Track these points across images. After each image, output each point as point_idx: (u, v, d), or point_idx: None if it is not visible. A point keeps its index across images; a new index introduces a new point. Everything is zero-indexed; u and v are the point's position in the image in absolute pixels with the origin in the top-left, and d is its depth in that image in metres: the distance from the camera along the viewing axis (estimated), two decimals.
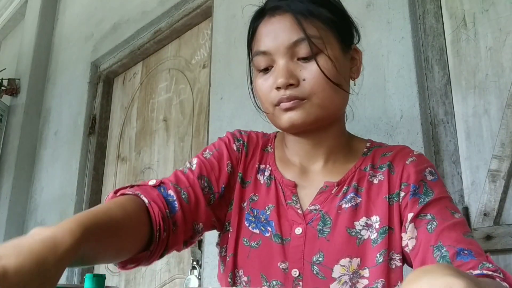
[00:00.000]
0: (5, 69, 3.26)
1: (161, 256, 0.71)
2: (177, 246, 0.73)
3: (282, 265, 0.74)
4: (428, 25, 1.25)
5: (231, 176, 0.82)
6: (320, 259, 0.73)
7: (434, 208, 0.71)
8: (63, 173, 2.70)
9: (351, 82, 0.82)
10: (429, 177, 0.75)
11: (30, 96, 3.08)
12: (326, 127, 0.79)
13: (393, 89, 1.24)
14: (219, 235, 0.84)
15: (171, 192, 0.73)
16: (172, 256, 1.93)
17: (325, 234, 0.74)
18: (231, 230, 0.80)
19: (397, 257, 0.73)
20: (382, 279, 0.70)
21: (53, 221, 2.64)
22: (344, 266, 0.72)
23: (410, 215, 0.72)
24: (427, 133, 1.17)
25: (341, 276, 0.72)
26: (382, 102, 1.25)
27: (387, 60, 1.27)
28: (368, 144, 0.83)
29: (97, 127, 2.62)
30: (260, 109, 0.81)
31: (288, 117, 0.74)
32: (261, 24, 0.78)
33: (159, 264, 2.00)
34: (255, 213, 0.79)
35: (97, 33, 2.75)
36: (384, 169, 0.77)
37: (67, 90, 2.90)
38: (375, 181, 0.77)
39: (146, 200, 0.68)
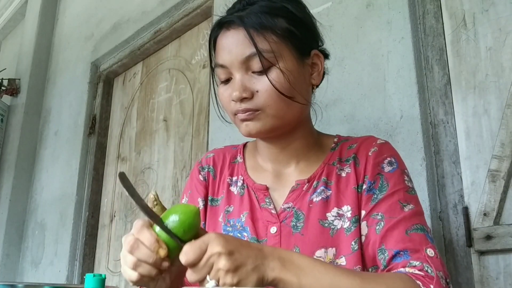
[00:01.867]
0: (5, 69, 3.26)
1: None
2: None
3: None
4: (428, 25, 1.25)
5: (206, 209, 0.88)
6: None
7: (385, 204, 0.75)
8: (63, 173, 2.69)
9: (314, 88, 0.84)
10: (387, 168, 0.78)
11: (30, 96, 3.08)
12: (291, 131, 0.82)
13: (393, 89, 1.24)
14: None
15: None
16: None
17: (299, 229, 0.77)
18: None
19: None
20: (359, 266, 0.73)
21: (53, 221, 2.64)
22: (320, 257, 0.74)
23: (363, 213, 0.76)
24: (427, 133, 1.17)
25: None
26: (382, 102, 1.25)
27: (387, 60, 1.27)
28: (335, 139, 0.86)
29: (97, 127, 2.62)
30: (223, 116, 0.85)
31: (245, 126, 0.78)
32: (219, 36, 0.80)
33: None
34: (231, 223, 0.83)
35: (97, 33, 2.75)
36: (350, 161, 0.81)
37: (67, 90, 2.90)
38: (343, 174, 0.80)
39: None
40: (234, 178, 0.88)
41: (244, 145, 0.94)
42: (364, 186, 0.77)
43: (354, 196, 0.77)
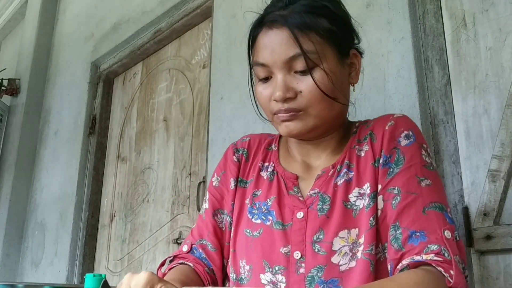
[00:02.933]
0: (5, 69, 3.26)
1: None
2: (224, 280, 0.86)
3: (284, 250, 0.77)
4: (428, 25, 1.25)
5: (236, 190, 0.89)
6: (321, 236, 0.75)
7: (402, 178, 0.74)
8: (63, 173, 2.70)
9: (352, 88, 0.85)
10: (404, 142, 0.77)
11: (30, 96, 3.08)
12: (327, 132, 0.82)
13: (393, 89, 1.24)
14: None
15: (201, 251, 0.86)
16: None
17: (325, 212, 0.77)
18: (233, 224, 0.86)
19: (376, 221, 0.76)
20: (373, 242, 0.73)
21: (53, 221, 2.64)
22: (343, 237, 0.74)
23: (379, 187, 0.76)
24: (427, 133, 1.17)
25: (341, 247, 0.74)
26: (382, 102, 1.25)
27: (387, 60, 1.27)
28: (357, 124, 0.87)
29: (97, 127, 2.62)
30: (260, 113, 0.85)
31: (285, 127, 0.78)
32: (260, 34, 0.80)
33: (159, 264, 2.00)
34: (258, 206, 0.84)
35: (97, 33, 2.75)
36: (367, 139, 0.81)
37: (67, 90, 2.90)
38: (362, 154, 0.80)
39: (191, 264, 0.83)
40: (266, 164, 0.89)
41: (280, 135, 0.93)
42: (381, 160, 0.77)
43: (372, 172, 0.77)
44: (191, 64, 2.17)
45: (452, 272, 0.64)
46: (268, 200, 0.83)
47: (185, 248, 0.88)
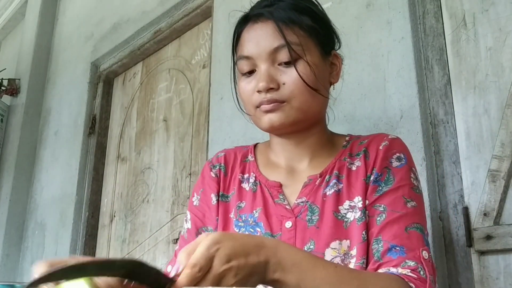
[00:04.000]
0: (5, 69, 3.26)
1: None
2: None
3: None
4: (428, 25, 1.25)
5: (218, 205, 0.88)
6: (312, 247, 0.76)
7: (389, 198, 0.75)
8: (63, 173, 2.70)
9: (331, 87, 0.87)
10: (395, 163, 0.79)
11: (30, 96, 3.08)
12: (308, 128, 0.83)
13: (393, 89, 1.24)
14: None
15: None
16: (172, 256, 1.92)
17: (314, 223, 0.77)
18: None
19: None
20: (365, 256, 0.74)
21: (53, 221, 2.64)
22: (335, 248, 0.75)
23: (366, 202, 0.77)
24: (427, 133, 1.17)
25: (333, 258, 0.74)
26: (382, 102, 1.25)
27: (387, 60, 1.27)
28: (347, 138, 0.88)
29: (97, 127, 2.62)
30: (243, 110, 0.86)
31: (268, 119, 0.78)
32: (244, 29, 0.83)
33: (159, 265, 2.00)
34: (243, 218, 0.83)
35: (97, 33, 2.75)
36: (360, 155, 0.82)
37: (67, 90, 2.90)
38: (353, 168, 0.81)
39: None
40: (246, 175, 0.88)
41: (255, 146, 0.95)
42: (372, 177, 0.78)
43: (364, 187, 0.78)
44: (191, 64, 2.17)
45: None
46: (254, 211, 0.82)
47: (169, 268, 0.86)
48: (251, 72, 0.80)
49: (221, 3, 1.90)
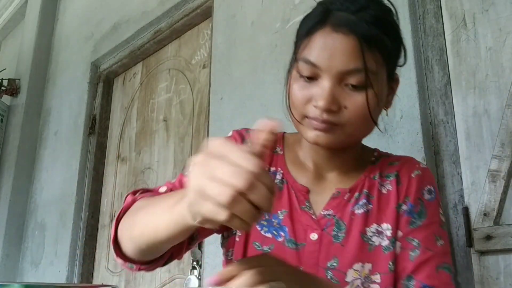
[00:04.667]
0: (5, 69, 3.26)
1: (164, 264, 0.72)
2: (180, 255, 0.74)
3: None
4: (428, 25, 1.25)
5: None
6: (335, 264, 0.73)
7: (422, 234, 0.75)
8: (63, 173, 2.70)
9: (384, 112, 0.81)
10: (427, 196, 0.78)
11: (30, 96, 3.08)
12: (350, 146, 0.80)
13: None
14: (223, 236, 0.84)
15: None
16: None
17: (339, 240, 0.75)
18: (239, 234, 0.79)
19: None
20: (390, 287, 0.73)
21: (53, 221, 2.64)
22: (357, 270, 0.73)
23: (399, 233, 0.75)
24: (427, 133, 1.17)
25: (353, 280, 0.73)
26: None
27: None
28: (375, 153, 0.85)
29: (97, 127, 2.62)
30: (289, 109, 0.78)
31: (315, 135, 0.72)
32: (320, 32, 0.71)
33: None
34: (267, 217, 0.78)
35: (97, 33, 2.75)
36: (391, 178, 0.79)
37: (67, 90, 2.90)
38: (384, 191, 0.79)
39: None
40: (273, 169, 0.82)
41: (283, 136, 0.87)
42: (404, 207, 0.77)
43: (395, 216, 0.76)
44: (191, 64, 2.17)
45: None
46: (279, 213, 0.78)
47: (163, 189, 0.77)
48: (310, 78, 0.71)
49: (221, 3, 1.90)
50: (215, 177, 0.44)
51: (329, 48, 0.69)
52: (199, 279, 1.67)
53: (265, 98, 1.59)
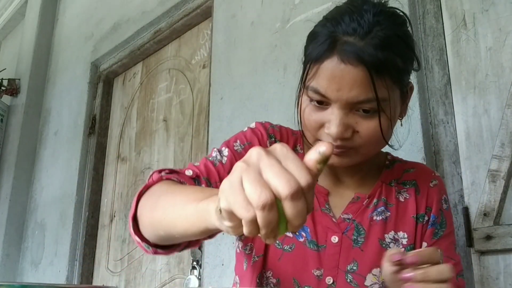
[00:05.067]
0: (5, 69, 3.26)
1: (181, 250, 0.70)
2: (198, 244, 0.71)
3: (317, 272, 0.75)
4: (428, 25, 1.25)
5: None
6: (354, 268, 0.74)
7: (445, 243, 0.78)
8: (63, 173, 2.70)
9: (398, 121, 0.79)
10: (445, 206, 0.81)
11: (30, 96, 3.08)
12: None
13: None
14: None
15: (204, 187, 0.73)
16: (172, 256, 1.92)
17: (359, 244, 0.76)
18: None
19: None
20: None
21: (53, 221, 2.64)
22: (375, 275, 0.74)
23: (424, 245, 0.77)
24: (427, 133, 1.17)
25: (372, 284, 0.74)
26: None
27: None
28: (389, 157, 0.86)
29: (97, 127, 2.62)
30: (302, 131, 0.77)
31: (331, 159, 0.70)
32: (328, 60, 0.68)
33: (159, 264, 2.00)
34: (290, 234, 0.77)
35: (97, 33, 2.75)
36: (408, 186, 0.81)
37: (67, 90, 2.90)
38: (401, 199, 0.80)
39: None
40: None
41: (302, 134, 0.83)
42: (426, 218, 0.79)
43: (412, 225, 0.78)
44: (191, 64, 2.17)
45: None
46: None
47: (189, 172, 0.75)
48: (321, 102, 0.70)
49: (221, 3, 1.90)
50: (260, 175, 0.41)
51: (337, 81, 0.67)
52: (199, 279, 1.67)
53: (265, 98, 1.59)
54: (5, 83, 3.15)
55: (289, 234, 0.76)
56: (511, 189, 1.05)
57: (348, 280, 0.74)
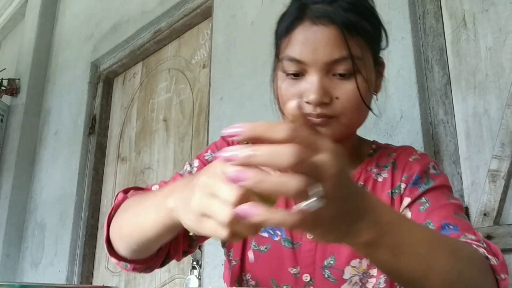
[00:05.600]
0: (5, 69, 3.26)
1: (162, 265, 0.71)
2: (177, 256, 0.73)
3: (293, 270, 0.73)
4: (428, 25, 1.25)
5: None
6: (332, 262, 0.72)
7: (431, 194, 0.70)
8: (63, 173, 2.70)
9: (375, 97, 0.80)
10: (432, 171, 0.75)
11: (30, 96, 3.08)
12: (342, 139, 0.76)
13: (393, 89, 1.24)
14: None
15: None
16: None
17: None
18: None
19: None
20: (385, 275, 0.70)
21: (53, 221, 2.64)
22: (354, 267, 0.71)
23: (407, 200, 0.71)
24: (427, 133, 1.17)
25: (351, 277, 0.71)
26: (382, 102, 1.25)
27: (387, 60, 1.26)
28: (373, 146, 0.83)
29: (97, 127, 2.62)
30: (280, 109, 0.76)
31: None
32: (299, 28, 0.70)
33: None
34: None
35: (97, 33, 2.75)
36: (388, 167, 0.77)
37: (67, 90, 2.90)
38: (380, 179, 0.76)
39: None
40: None
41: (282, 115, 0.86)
42: (403, 185, 0.73)
43: (387, 202, 0.73)
44: (191, 64, 2.17)
45: (495, 260, 0.59)
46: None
47: (155, 188, 0.76)
48: (297, 74, 0.70)
49: (221, 3, 1.90)
50: (216, 195, 0.41)
51: (311, 42, 0.68)
52: (199, 279, 1.67)
53: (265, 98, 1.59)
54: (5, 83, 3.15)
55: (265, 234, 0.75)
56: (511, 189, 1.05)
57: (326, 276, 0.71)
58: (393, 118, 1.22)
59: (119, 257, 0.68)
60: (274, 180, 0.37)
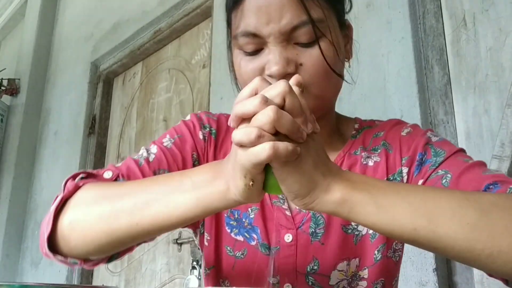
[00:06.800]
0: (5, 69, 3.26)
1: (109, 260, 0.62)
2: (129, 250, 0.63)
3: (273, 280, 0.65)
4: (428, 25, 1.25)
5: None
6: (315, 267, 0.64)
7: (447, 163, 0.61)
8: (63, 173, 2.70)
9: (346, 64, 0.72)
10: (434, 138, 0.66)
11: (30, 96, 3.08)
12: (320, 117, 0.65)
13: (393, 89, 1.24)
14: (195, 234, 0.73)
15: None
16: (172, 256, 1.92)
17: (318, 237, 0.64)
18: (208, 238, 0.69)
19: (400, 247, 0.66)
20: (381, 279, 0.64)
21: None
22: (342, 271, 0.64)
23: (420, 182, 0.62)
24: None
25: (339, 282, 0.64)
26: (382, 102, 1.25)
27: (387, 60, 1.27)
28: (356, 126, 0.73)
29: (97, 127, 2.62)
30: (239, 89, 0.68)
31: None
32: None
33: (159, 264, 2.00)
34: (236, 216, 0.68)
35: (97, 33, 2.75)
36: (379, 150, 0.68)
37: (67, 90, 2.90)
38: (370, 163, 0.67)
39: None
40: None
41: None
42: (405, 169, 0.65)
43: None
44: (191, 64, 2.17)
45: None
46: (250, 210, 0.67)
47: (108, 174, 0.63)
48: (256, 51, 0.62)
49: (221, 3, 1.90)
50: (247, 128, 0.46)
51: (264, 11, 0.59)
52: (199, 279, 1.67)
53: None
54: (5, 83, 3.15)
55: (239, 238, 0.67)
56: None
57: (310, 283, 0.63)
58: (393, 118, 1.22)
59: (64, 255, 0.57)
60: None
